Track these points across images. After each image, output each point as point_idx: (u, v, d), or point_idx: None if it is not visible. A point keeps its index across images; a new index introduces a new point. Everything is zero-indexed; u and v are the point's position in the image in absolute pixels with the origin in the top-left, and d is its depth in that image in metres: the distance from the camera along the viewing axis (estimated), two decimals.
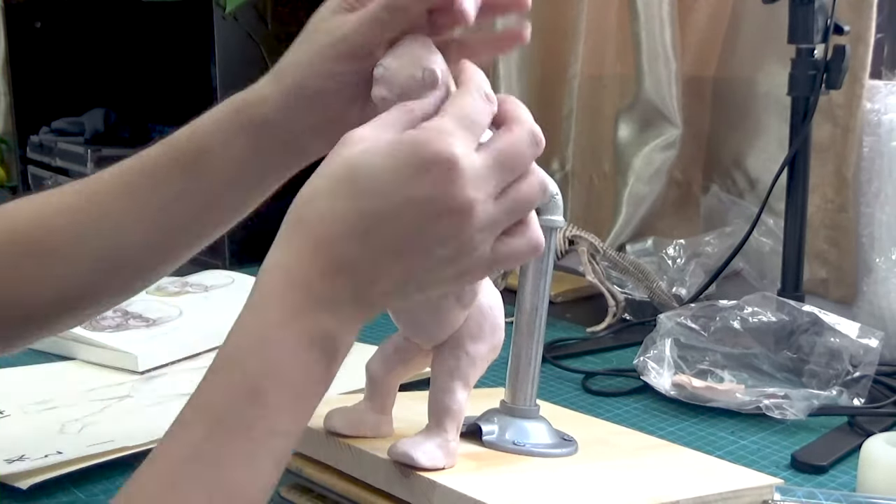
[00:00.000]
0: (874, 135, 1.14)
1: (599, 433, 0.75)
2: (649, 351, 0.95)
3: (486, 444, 0.64)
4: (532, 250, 0.53)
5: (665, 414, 0.91)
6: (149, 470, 0.45)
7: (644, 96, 1.35)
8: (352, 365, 0.54)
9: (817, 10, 1.00)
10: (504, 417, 0.66)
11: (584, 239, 1.17)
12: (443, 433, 0.58)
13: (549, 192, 0.58)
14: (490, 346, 0.59)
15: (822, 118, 1.13)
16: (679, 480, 0.64)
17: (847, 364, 0.92)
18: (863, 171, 1.15)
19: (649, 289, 1.19)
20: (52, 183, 2.27)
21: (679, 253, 1.29)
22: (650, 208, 1.38)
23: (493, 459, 0.62)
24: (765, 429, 0.87)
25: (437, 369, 0.59)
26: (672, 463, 0.69)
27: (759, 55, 1.25)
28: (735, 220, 1.28)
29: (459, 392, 0.58)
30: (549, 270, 0.66)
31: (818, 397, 0.87)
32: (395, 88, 0.54)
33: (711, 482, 0.63)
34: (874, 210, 1.14)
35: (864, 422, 0.86)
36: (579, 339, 1.13)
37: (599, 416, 0.90)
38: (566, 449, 0.66)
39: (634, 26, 1.33)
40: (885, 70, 1.19)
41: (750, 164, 1.30)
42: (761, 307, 0.99)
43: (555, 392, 0.96)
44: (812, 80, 1.02)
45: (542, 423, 0.67)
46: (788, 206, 1.06)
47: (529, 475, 0.60)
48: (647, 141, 1.37)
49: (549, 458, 0.64)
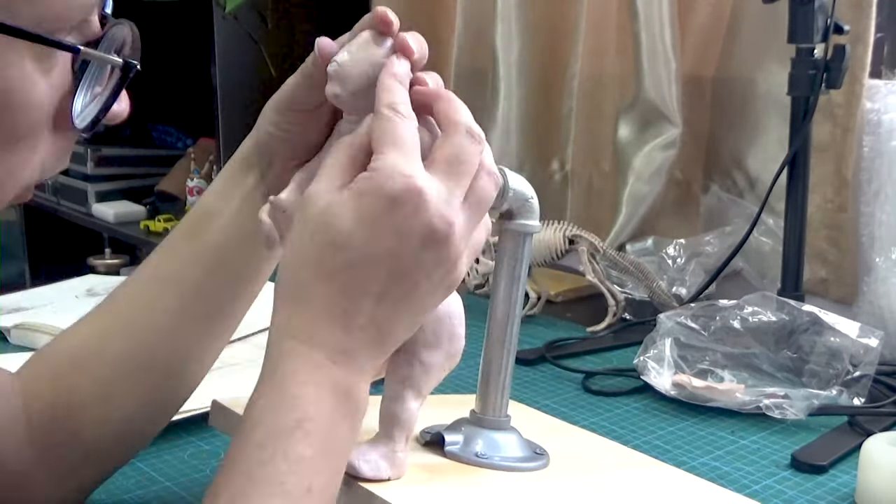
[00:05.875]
0: (874, 134, 1.14)
1: (577, 446, 0.72)
2: (649, 350, 0.95)
3: (448, 456, 0.61)
4: (487, 233, 0.54)
5: (665, 414, 0.91)
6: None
7: (644, 96, 1.35)
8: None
9: (817, 10, 1.00)
10: (472, 428, 0.63)
11: (584, 238, 1.17)
12: (390, 443, 0.56)
13: (502, 183, 0.56)
14: (446, 354, 0.57)
15: (822, 118, 1.13)
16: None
17: (847, 364, 0.92)
18: (863, 170, 1.15)
19: (649, 288, 1.19)
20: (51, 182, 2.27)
21: (679, 252, 1.29)
22: (650, 208, 1.38)
23: (449, 472, 0.59)
24: (765, 428, 0.87)
25: (389, 376, 0.57)
26: (649, 483, 0.66)
27: (759, 55, 1.25)
28: (735, 220, 1.28)
29: (411, 401, 0.56)
30: (522, 277, 0.63)
31: (818, 397, 0.87)
32: (349, 85, 0.53)
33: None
34: (874, 210, 1.14)
35: (864, 421, 0.86)
36: (579, 338, 1.13)
37: (599, 415, 0.90)
38: (535, 463, 0.63)
39: (634, 26, 1.33)
40: (885, 70, 1.19)
41: (750, 164, 1.30)
42: (761, 307, 0.99)
43: (555, 392, 0.96)
44: (812, 79, 1.02)
45: (513, 434, 0.64)
46: (788, 206, 1.06)
47: (482, 490, 0.58)
48: (647, 140, 1.37)
49: (513, 473, 0.61)
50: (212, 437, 0.80)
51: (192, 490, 0.72)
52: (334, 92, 0.54)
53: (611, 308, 1.16)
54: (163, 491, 0.72)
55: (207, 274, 0.64)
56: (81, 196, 2.21)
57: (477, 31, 1.55)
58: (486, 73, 1.51)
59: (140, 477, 0.74)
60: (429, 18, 1.63)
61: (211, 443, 0.80)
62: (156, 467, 0.76)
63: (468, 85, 1.55)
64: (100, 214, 2.17)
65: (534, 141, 1.50)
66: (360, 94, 0.53)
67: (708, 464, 0.80)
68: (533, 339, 1.09)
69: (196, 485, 0.73)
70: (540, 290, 1.21)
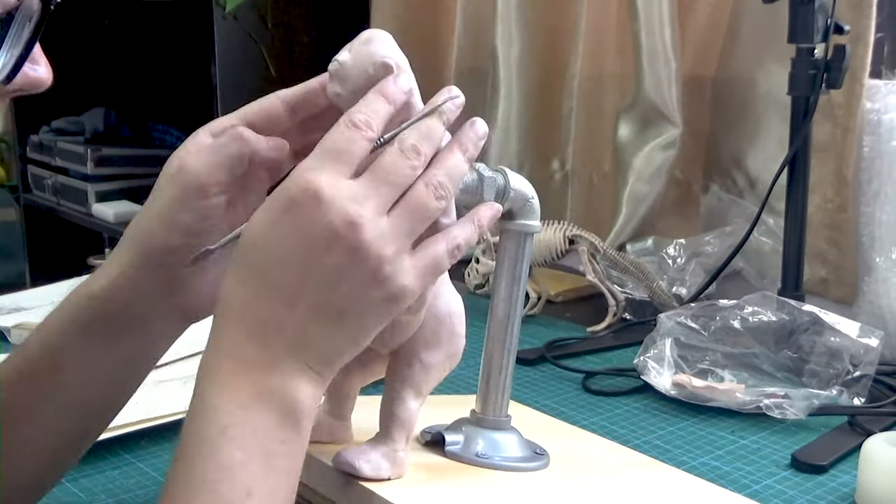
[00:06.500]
0: (874, 134, 1.14)
1: (578, 446, 0.72)
2: (649, 350, 0.95)
3: (449, 456, 0.61)
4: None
5: (665, 413, 0.91)
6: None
7: (644, 96, 1.35)
8: None
9: (817, 10, 1.00)
10: (472, 428, 0.63)
11: (584, 238, 1.17)
12: (390, 442, 0.56)
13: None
14: (446, 354, 0.57)
15: (822, 118, 1.13)
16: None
17: (847, 364, 0.92)
18: (863, 170, 1.15)
19: (649, 288, 1.19)
20: (51, 182, 2.27)
21: (679, 252, 1.29)
22: (650, 208, 1.38)
23: (450, 472, 0.59)
24: (765, 428, 0.87)
25: (389, 376, 0.57)
26: (649, 483, 0.66)
27: (759, 55, 1.25)
28: (735, 220, 1.28)
29: (411, 401, 0.56)
30: (523, 277, 0.63)
31: (818, 397, 0.87)
32: (349, 84, 0.53)
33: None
34: (874, 209, 1.14)
35: (864, 421, 0.86)
36: (579, 338, 1.13)
37: (599, 415, 0.90)
38: (535, 463, 0.63)
39: (634, 26, 1.33)
40: (885, 70, 1.19)
41: (750, 164, 1.30)
42: (761, 307, 0.99)
43: (555, 392, 0.96)
44: (812, 79, 1.02)
45: (513, 434, 0.64)
46: (788, 206, 1.06)
47: (482, 490, 0.58)
48: (647, 140, 1.37)
49: (513, 473, 0.61)
50: None
51: None
52: (335, 91, 0.53)
53: (611, 308, 1.16)
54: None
55: (62, 426, 0.60)
56: (81, 196, 2.21)
57: (477, 31, 1.55)
58: (486, 73, 1.51)
59: (140, 477, 0.74)
60: (429, 18, 1.63)
61: None
62: (156, 467, 0.76)
63: (468, 85, 1.54)
64: (100, 214, 2.17)
65: (534, 141, 1.50)
66: (360, 94, 0.53)
67: (708, 464, 0.80)
68: (533, 339, 1.09)
69: None
70: (540, 290, 1.21)
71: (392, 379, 0.57)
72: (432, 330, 0.56)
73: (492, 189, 0.59)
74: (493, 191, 0.59)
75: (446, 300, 0.57)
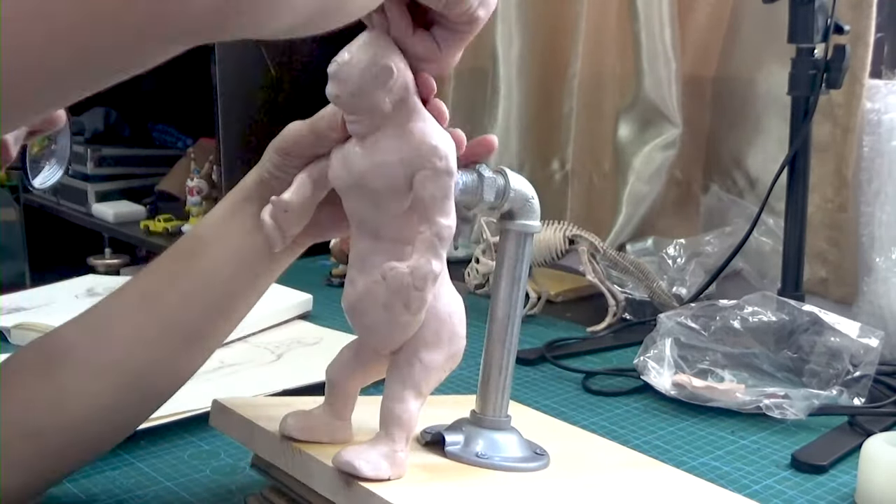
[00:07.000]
0: (874, 134, 1.14)
1: (579, 447, 0.72)
2: (649, 350, 0.95)
3: (449, 456, 0.61)
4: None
5: (665, 414, 0.91)
6: None
7: (644, 96, 1.35)
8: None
9: (817, 10, 1.00)
10: (472, 428, 0.62)
11: (584, 238, 1.17)
12: (390, 442, 0.56)
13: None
14: (447, 354, 0.57)
15: (822, 118, 1.13)
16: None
17: (847, 364, 0.92)
18: (863, 170, 1.15)
19: (649, 288, 1.19)
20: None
21: (679, 252, 1.29)
22: (650, 208, 1.38)
23: (450, 472, 0.59)
24: (765, 428, 0.87)
25: (390, 377, 0.57)
26: (649, 483, 0.66)
27: (759, 55, 1.25)
28: (735, 220, 1.28)
29: (411, 401, 0.56)
30: (523, 277, 0.63)
31: (818, 397, 0.87)
32: (348, 86, 0.53)
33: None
34: (874, 209, 1.14)
35: (865, 421, 0.86)
36: (579, 338, 1.13)
37: (599, 415, 0.90)
38: (536, 463, 0.62)
39: (634, 26, 1.33)
40: (885, 70, 1.19)
41: (750, 164, 1.30)
42: (761, 307, 0.99)
43: (555, 392, 0.96)
44: (812, 79, 1.02)
45: (513, 434, 0.63)
46: (788, 206, 1.06)
47: (482, 490, 0.58)
48: (647, 140, 1.37)
49: (513, 473, 0.61)
50: (212, 437, 0.80)
51: (192, 490, 0.72)
52: (334, 93, 0.53)
53: (611, 308, 1.16)
54: (163, 491, 0.72)
55: (188, 298, 0.64)
56: (81, 196, 2.21)
57: None
58: (487, 72, 1.51)
59: (140, 477, 0.74)
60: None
61: (211, 443, 0.80)
62: (156, 467, 0.76)
63: (468, 84, 1.55)
64: (100, 214, 2.17)
65: (534, 141, 1.50)
66: (360, 95, 0.52)
67: (708, 464, 0.80)
68: (533, 339, 1.09)
69: (196, 485, 0.73)
70: (540, 290, 1.21)
71: (393, 379, 0.57)
72: (433, 330, 0.56)
73: (492, 189, 0.59)
74: (493, 191, 0.59)
75: (447, 300, 0.57)
